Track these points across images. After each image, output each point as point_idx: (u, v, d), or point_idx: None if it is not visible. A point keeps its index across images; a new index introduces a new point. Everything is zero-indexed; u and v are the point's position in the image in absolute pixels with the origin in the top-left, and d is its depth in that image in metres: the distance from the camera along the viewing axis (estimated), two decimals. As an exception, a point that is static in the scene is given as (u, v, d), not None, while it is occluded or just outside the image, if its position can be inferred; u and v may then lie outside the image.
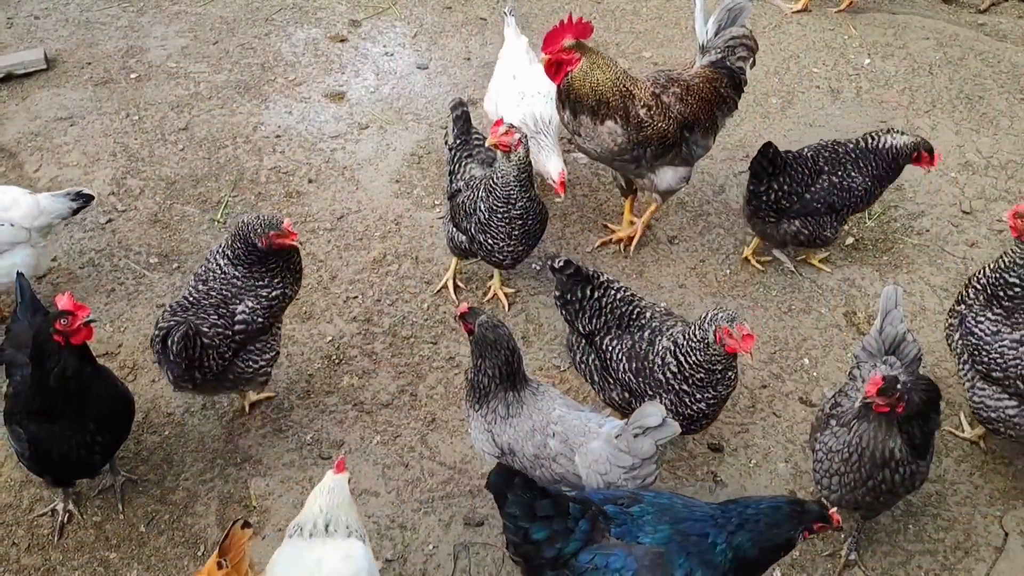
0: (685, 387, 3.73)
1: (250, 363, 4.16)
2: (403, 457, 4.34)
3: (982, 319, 3.99)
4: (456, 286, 5.13)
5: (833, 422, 3.69)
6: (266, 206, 5.62)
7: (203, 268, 4.19)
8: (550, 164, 5.01)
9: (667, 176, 4.96)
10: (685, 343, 3.69)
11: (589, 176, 5.86)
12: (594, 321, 3.96)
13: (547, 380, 4.37)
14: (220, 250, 4.17)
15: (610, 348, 3.94)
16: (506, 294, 5.08)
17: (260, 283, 4.12)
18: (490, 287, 5.10)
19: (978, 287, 4.03)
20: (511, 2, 6.26)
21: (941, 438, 4.38)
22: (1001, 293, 3.92)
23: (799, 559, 3.98)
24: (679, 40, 7.17)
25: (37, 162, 5.88)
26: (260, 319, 4.10)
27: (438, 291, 5.13)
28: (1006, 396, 3.95)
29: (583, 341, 4.08)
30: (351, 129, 6.26)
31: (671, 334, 3.79)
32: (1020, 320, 3.91)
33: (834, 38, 7.23)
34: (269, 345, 4.22)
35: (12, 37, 6.91)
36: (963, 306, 4.10)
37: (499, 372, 3.64)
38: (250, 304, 4.09)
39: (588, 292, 3.94)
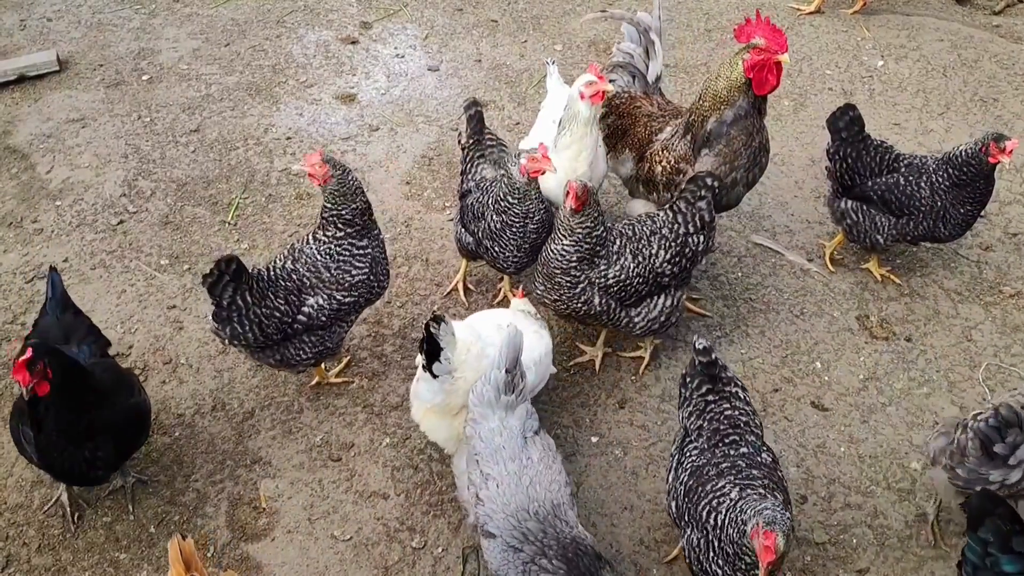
0: (716, 542, 3.40)
1: (300, 352, 4.20)
2: (412, 460, 4.32)
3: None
4: (466, 288, 5.12)
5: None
6: (276, 208, 5.64)
7: (296, 244, 4.22)
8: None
9: None
10: (723, 526, 3.32)
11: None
12: (692, 419, 3.64)
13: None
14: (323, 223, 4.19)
15: (687, 452, 3.61)
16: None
17: (347, 272, 4.13)
18: (500, 289, 5.09)
19: (575, 263, 4.22)
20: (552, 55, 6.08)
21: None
22: (599, 248, 4.21)
23: (810, 564, 3.96)
24: (690, 42, 7.15)
25: (49, 163, 5.91)
26: (324, 317, 4.15)
27: (448, 293, 5.12)
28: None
29: (681, 430, 3.77)
30: (362, 131, 6.26)
31: (730, 501, 3.35)
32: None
33: (847, 40, 7.20)
34: (323, 340, 4.23)
35: (25, 39, 6.96)
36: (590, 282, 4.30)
37: None
38: (320, 301, 4.12)
39: (703, 389, 3.64)
